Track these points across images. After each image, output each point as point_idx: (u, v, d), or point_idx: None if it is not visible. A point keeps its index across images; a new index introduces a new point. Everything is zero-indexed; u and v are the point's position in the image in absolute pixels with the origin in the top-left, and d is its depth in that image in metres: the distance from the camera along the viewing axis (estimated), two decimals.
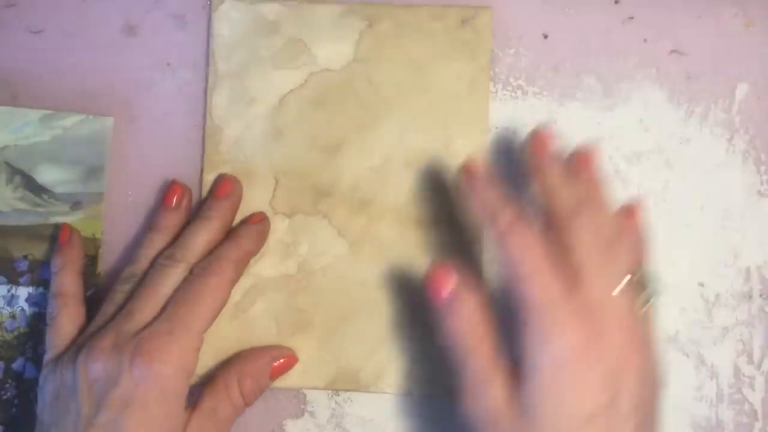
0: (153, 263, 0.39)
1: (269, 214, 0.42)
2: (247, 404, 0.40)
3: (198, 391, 0.39)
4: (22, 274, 0.41)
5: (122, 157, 0.43)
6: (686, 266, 0.42)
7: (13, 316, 0.41)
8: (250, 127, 0.42)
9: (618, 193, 0.42)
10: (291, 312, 0.42)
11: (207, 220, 0.40)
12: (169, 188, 0.41)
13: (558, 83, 0.42)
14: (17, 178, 0.42)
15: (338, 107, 0.42)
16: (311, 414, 0.43)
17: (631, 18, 0.42)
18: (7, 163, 0.42)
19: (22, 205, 0.42)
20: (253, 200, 0.42)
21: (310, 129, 0.42)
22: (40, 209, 0.42)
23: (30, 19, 0.43)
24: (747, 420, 0.42)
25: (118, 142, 0.43)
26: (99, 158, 0.42)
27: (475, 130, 0.42)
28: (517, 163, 0.42)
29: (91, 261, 0.42)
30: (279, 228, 0.42)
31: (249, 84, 0.42)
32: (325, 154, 0.42)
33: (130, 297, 0.39)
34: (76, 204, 0.42)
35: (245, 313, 0.42)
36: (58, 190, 0.42)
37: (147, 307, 0.38)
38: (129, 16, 0.43)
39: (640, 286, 0.35)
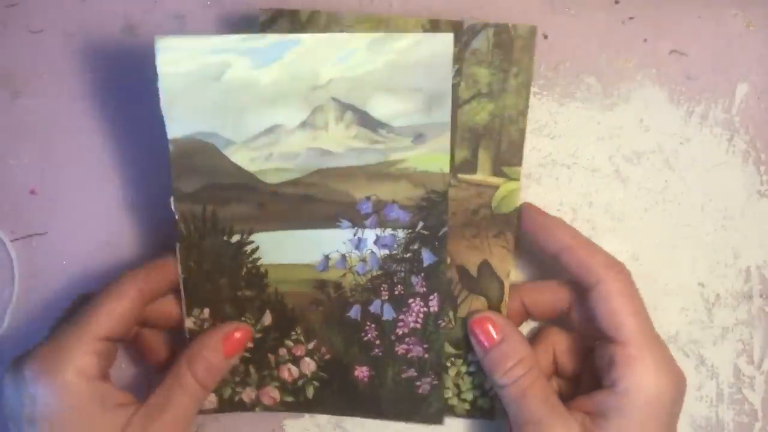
0: None
1: None
2: (205, 387, 0.38)
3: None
4: (366, 216, 0.39)
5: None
6: (686, 266, 0.42)
7: (363, 260, 0.39)
8: None
9: (618, 194, 0.42)
10: None
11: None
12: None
13: (558, 83, 0.42)
14: (348, 115, 0.38)
15: None
16: (311, 414, 0.43)
17: (631, 18, 0.42)
18: (336, 99, 0.38)
19: (358, 144, 0.38)
20: None
21: None
22: (378, 146, 0.38)
23: (30, 19, 0.43)
24: (747, 420, 0.42)
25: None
26: (440, 82, 0.37)
27: None
28: None
29: (441, 197, 0.38)
30: None
31: None
32: None
33: None
34: (418, 137, 0.38)
35: None
36: (397, 123, 0.38)
37: None
38: (129, 16, 0.43)
39: None
